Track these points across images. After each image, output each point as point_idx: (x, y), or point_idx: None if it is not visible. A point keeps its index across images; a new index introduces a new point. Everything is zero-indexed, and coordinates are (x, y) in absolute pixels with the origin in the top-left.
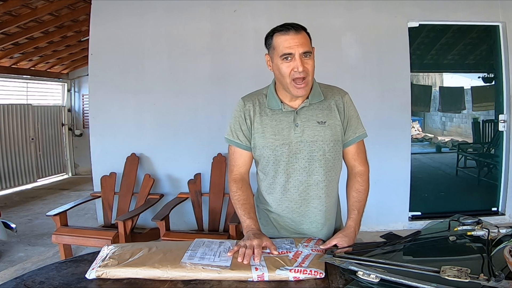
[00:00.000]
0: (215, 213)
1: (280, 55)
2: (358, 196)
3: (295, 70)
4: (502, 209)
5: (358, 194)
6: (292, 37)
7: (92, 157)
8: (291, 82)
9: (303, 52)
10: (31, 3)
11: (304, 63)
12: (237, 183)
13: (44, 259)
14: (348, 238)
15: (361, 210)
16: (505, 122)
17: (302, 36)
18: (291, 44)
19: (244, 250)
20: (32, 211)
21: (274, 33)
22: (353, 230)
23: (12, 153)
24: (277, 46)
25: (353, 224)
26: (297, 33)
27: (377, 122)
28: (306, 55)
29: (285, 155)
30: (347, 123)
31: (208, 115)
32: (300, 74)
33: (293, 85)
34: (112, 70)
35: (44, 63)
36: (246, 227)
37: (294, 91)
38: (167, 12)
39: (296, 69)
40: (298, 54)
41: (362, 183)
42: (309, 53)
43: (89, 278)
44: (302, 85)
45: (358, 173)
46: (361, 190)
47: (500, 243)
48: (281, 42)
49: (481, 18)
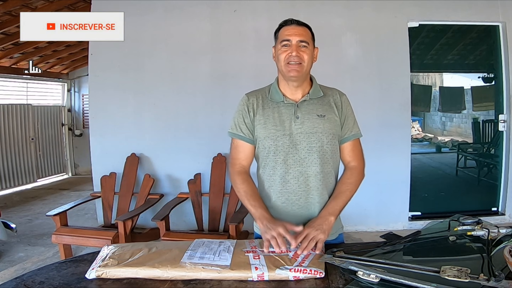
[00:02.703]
0: (215, 213)
1: (280, 41)
2: (342, 187)
3: (290, 55)
4: (502, 209)
5: (342, 185)
6: (293, 28)
7: (92, 157)
8: (286, 65)
9: (299, 40)
10: (31, 3)
11: (299, 50)
12: (241, 175)
13: (44, 259)
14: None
15: (339, 201)
16: (505, 122)
17: (302, 29)
18: (290, 32)
19: (276, 241)
20: (32, 211)
21: (281, 26)
22: (324, 220)
23: (12, 153)
24: (279, 36)
25: (325, 213)
26: (298, 26)
27: (377, 122)
28: (303, 45)
29: (286, 145)
30: (344, 120)
31: (208, 115)
32: (294, 59)
33: (287, 65)
34: (112, 70)
35: (44, 63)
36: (260, 216)
37: (287, 72)
38: (167, 12)
39: (291, 53)
40: (295, 41)
41: (350, 176)
42: (306, 43)
43: (89, 278)
44: (294, 66)
45: (350, 168)
46: (346, 182)
47: (500, 243)
48: (283, 31)
49: (481, 18)
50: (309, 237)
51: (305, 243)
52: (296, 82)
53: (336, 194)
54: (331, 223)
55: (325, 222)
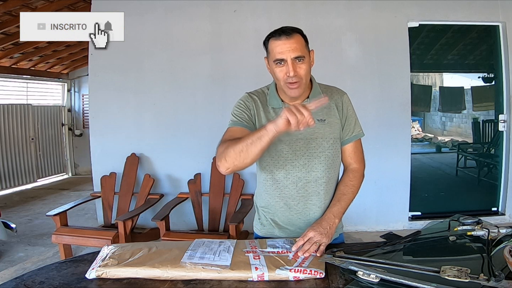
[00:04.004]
0: (215, 213)
1: (273, 60)
2: (344, 189)
3: (288, 75)
4: (502, 209)
5: (345, 187)
6: (284, 42)
7: (92, 157)
8: (285, 85)
9: (294, 57)
10: (31, 3)
11: (296, 68)
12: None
13: (44, 259)
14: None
15: (343, 203)
16: (505, 122)
17: (294, 41)
18: (283, 49)
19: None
20: (32, 211)
21: (269, 38)
22: (329, 223)
23: (12, 153)
24: (271, 51)
25: (331, 216)
26: (288, 38)
27: (377, 122)
28: (299, 59)
29: (285, 151)
30: (345, 121)
31: (208, 115)
32: (292, 79)
33: (287, 86)
34: (112, 70)
35: (44, 63)
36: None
37: (288, 92)
38: (167, 12)
39: (288, 74)
40: (290, 60)
41: (353, 178)
42: (301, 58)
43: (89, 278)
44: (295, 86)
45: (352, 170)
46: (348, 184)
47: (500, 243)
48: (274, 47)
49: (481, 18)
50: (313, 241)
51: (308, 246)
52: (297, 97)
53: (339, 197)
54: (335, 225)
55: (330, 225)
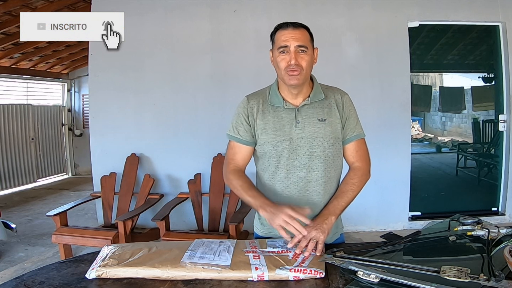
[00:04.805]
0: (215, 213)
1: (277, 47)
2: (344, 187)
3: (289, 63)
4: (502, 209)
5: (345, 185)
6: (289, 32)
7: (92, 157)
8: (286, 73)
9: (297, 45)
10: (31, 3)
11: (298, 57)
12: (235, 173)
13: (44, 259)
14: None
15: (340, 200)
16: (505, 122)
17: (299, 32)
18: (287, 37)
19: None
20: (32, 211)
21: (276, 30)
22: (325, 219)
23: (12, 153)
24: (276, 40)
25: (326, 213)
26: (295, 29)
27: (377, 122)
28: (302, 50)
29: (286, 151)
30: (345, 121)
31: (208, 115)
32: (293, 67)
33: (287, 74)
34: (112, 70)
35: (44, 63)
36: (261, 204)
37: (287, 80)
38: (167, 12)
39: (290, 61)
40: (293, 47)
41: (353, 176)
42: (304, 48)
43: (89, 278)
44: (295, 73)
45: (354, 168)
46: (348, 182)
47: (500, 243)
48: (279, 36)
49: (481, 18)
50: (308, 238)
51: (304, 243)
52: (297, 89)
53: (338, 194)
54: (331, 222)
55: (325, 221)
